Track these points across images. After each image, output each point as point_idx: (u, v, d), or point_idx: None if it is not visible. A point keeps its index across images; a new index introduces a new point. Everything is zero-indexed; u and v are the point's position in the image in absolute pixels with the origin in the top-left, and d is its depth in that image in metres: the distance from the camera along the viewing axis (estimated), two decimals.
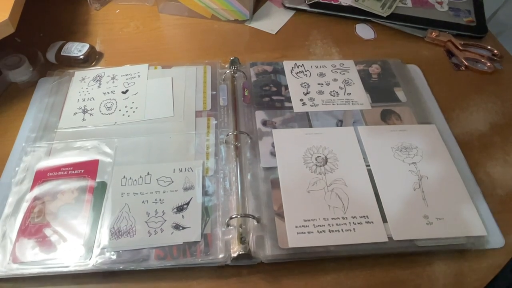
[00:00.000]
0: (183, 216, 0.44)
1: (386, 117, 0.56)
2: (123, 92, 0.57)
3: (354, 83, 0.60)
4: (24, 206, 0.45)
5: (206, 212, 0.45)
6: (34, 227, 0.43)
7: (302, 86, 0.59)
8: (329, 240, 0.43)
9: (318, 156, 0.50)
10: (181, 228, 0.43)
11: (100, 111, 0.54)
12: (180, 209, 0.45)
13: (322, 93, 0.58)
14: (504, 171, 0.52)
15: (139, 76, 0.59)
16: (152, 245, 0.42)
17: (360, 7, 0.72)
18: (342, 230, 0.44)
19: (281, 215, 0.45)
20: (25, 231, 0.43)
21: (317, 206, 0.45)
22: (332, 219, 0.44)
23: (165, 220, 0.44)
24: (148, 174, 0.48)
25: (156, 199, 0.45)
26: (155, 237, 0.43)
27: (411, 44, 0.69)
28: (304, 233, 0.43)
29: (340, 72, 0.61)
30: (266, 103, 0.56)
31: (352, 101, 0.57)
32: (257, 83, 0.59)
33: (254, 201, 0.46)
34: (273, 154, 0.50)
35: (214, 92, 0.57)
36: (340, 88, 0.59)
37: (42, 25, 0.68)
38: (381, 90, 0.59)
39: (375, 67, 0.62)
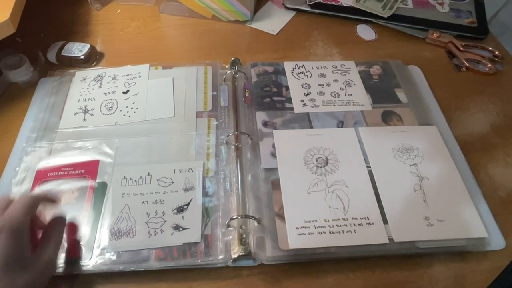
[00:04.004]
0: (183, 217, 0.44)
1: (387, 118, 0.56)
2: (124, 93, 0.57)
3: (355, 84, 0.60)
4: None
5: (206, 213, 0.45)
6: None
7: (303, 87, 0.59)
8: (329, 242, 0.43)
9: (319, 157, 0.50)
10: (181, 229, 0.43)
11: (101, 111, 0.54)
12: (180, 209, 0.45)
13: (323, 94, 0.58)
14: (505, 173, 0.52)
15: (140, 76, 0.59)
16: (152, 246, 0.42)
17: (361, 8, 0.71)
18: (343, 232, 0.44)
19: (281, 216, 0.45)
20: None
21: (317, 207, 0.45)
22: (332, 220, 0.44)
23: (165, 221, 0.44)
24: (148, 174, 0.48)
25: (156, 200, 0.45)
26: (155, 238, 0.43)
27: (412, 45, 0.69)
28: (305, 234, 0.43)
29: (341, 73, 0.61)
30: (266, 104, 0.56)
31: (353, 102, 0.57)
32: (257, 83, 0.59)
33: (255, 202, 0.46)
34: (273, 155, 0.50)
35: (215, 93, 0.57)
36: (341, 89, 0.59)
37: (42, 25, 0.68)
38: (382, 91, 0.59)
39: (376, 68, 0.62)
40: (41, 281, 0.35)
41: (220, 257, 0.42)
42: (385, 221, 0.45)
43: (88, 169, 0.48)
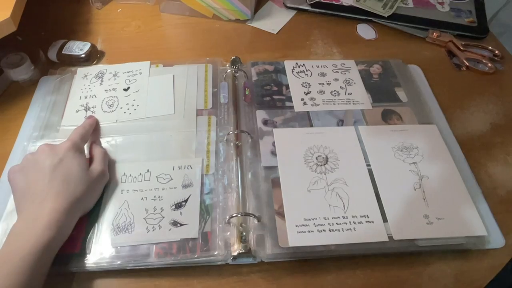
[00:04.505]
0: (181, 213, 0.44)
1: (387, 117, 0.56)
2: (125, 89, 0.57)
3: (355, 83, 0.60)
4: None
5: (206, 210, 0.45)
6: None
7: (303, 85, 0.59)
8: (329, 239, 0.43)
9: (319, 156, 0.50)
10: (179, 224, 0.43)
11: (102, 109, 0.54)
12: (178, 206, 0.45)
13: (323, 93, 0.58)
14: (505, 171, 0.52)
15: (140, 73, 0.59)
16: (150, 241, 0.42)
17: (361, 7, 0.72)
18: (343, 230, 0.44)
19: (281, 214, 0.45)
20: None
21: (317, 205, 0.45)
22: (332, 218, 0.44)
23: (163, 217, 0.44)
24: (148, 171, 0.48)
25: (155, 196, 0.46)
26: (153, 234, 0.43)
27: (412, 45, 0.69)
28: (305, 232, 0.43)
29: (341, 72, 0.61)
30: (267, 103, 0.56)
31: (353, 101, 0.57)
32: (258, 82, 0.59)
33: (255, 200, 0.46)
34: (273, 153, 0.50)
35: (216, 89, 0.57)
36: (341, 88, 0.59)
37: (43, 23, 0.68)
38: (382, 90, 0.59)
39: (376, 67, 0.62)
40: (98, 188, 0.45)
41: (220, 254, 0.42)
42: (384, 219, 0.45)
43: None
